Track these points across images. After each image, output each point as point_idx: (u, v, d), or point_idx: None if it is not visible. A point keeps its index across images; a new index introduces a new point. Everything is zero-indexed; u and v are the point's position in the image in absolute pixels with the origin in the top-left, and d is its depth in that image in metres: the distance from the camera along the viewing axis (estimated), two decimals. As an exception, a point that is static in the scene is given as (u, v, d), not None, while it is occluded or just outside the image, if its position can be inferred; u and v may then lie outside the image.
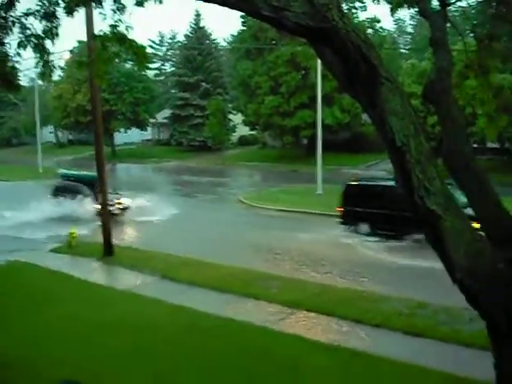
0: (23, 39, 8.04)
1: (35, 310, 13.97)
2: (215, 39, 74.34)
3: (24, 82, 63.01)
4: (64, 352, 11.26)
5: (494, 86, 7.99)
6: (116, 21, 7.76)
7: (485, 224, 5.48)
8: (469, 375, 9.71)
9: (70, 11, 7.58)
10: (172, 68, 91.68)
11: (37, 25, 8.01)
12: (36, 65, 8.36)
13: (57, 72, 57.15)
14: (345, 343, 11.68)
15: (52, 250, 21.32)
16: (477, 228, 5.23)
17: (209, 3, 5.30)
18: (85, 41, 20.37)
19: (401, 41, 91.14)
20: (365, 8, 49.98)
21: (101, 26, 7.77)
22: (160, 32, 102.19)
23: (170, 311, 13.78)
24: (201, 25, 67.33)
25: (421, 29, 74.51)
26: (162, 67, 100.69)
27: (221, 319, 13.03)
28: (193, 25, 67.42)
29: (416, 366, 10.34)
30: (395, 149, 4.92)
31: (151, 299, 14.83)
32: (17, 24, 8.05)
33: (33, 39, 8.05)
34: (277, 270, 17.63)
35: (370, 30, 48.96)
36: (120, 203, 27.38)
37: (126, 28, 7.75)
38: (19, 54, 8.44)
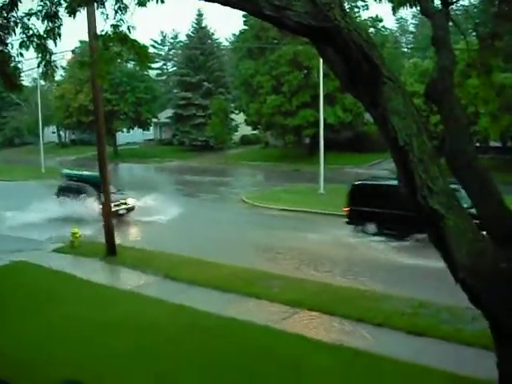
0: (25, 39, 8.02)
1: (38, 310, 14.01)
2: (217, 39, 74.49)
3: (26, 82, 63.52)
4: (66, 352, 11.29)
5: (497, 85, 7.98)
6: (118, 21, 7.75)
7: (487, 223, 5.47)
8: (471, 374, 9.71)
9: (72, 11, 7.56)
10: (174, 68, 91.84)
11: (39, 25, 8.00)
12: (38, 65, 8.35)
13: (59, 72, 56.90)
14: (347, 342, 11.69)
15: (55, 250, 21.35)
16: (479, 227, 5.22)
17: (211, 3, 5.30)
18: (87, 41, 20.39)
19: (403, 40, 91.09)
20: (367, 7, 50.13)
21: (103, 26, 7.72)
22: (162, 32, 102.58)
23: (172, 311, 13.79)
24: (203, 24, 67.28)
25: (423, 28, 74.43)
26: (164, 67, 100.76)
27: (222, 319, 13.04)
28: (195, 24, 67.41)
29: (418, 366, 10.34)
30: (398, 148, 4.91)
31: (153, 299, 14.85)
32: (19, 24, 8.04)
33: (35, 39, 8.04)
34: (279, 270, 17.63)
35: (372, 29, 48.98)
36: (126, 203, 27.43)
37: (128, 28, 7.74)
38: (21, 55, 8.40)
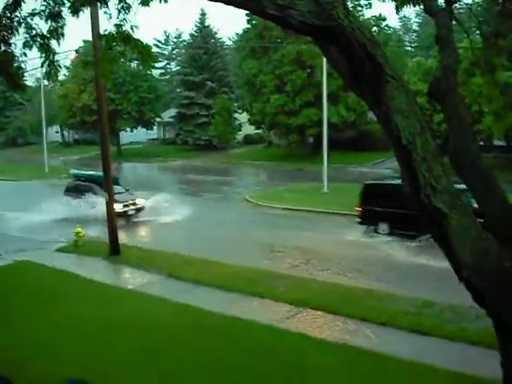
0: (29, 39, 8.04)
1: (41, 309, 14.03)
2: (220, 38, 74.58)
3: (30, 82, 63.53)
4: (70, 351, 11.31)
5: (501, 84, 7.96)
6: (121, 20, 7.74)
7: (491, 222, 5.45)
8: (475, 373, 9.70)
9: (76, 11, 7.57)
10: (177, 67, 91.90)
11: (42, 25, 8.01)
12: (42, 65, 8.35)
13: (62, 72, 57.28)
14: (351, 342, 11.69)
15: (58, 250, 21.38)
16: (483, 226, 5.21)
17: (214, 2, 5.29)
18: (90, 40, 20.40)
19: (406, 38, 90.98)
20: (370, 6, 50.09)
21: (106, 26, 7.73)
22: (165, 31, 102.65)
23: (176, 310, 13.80)
24: (206, 24, 67.31)
25: (426, 26, 74.40)
26: (168, 66, 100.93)
27: (226, 318, 13.04)
28: (198, 24, 67.42)
29: (422, 365, 10.33)
30: (401, 147, 4.90)
31: (157, 298, 14.86)
32: (22, 24, 8.05)
33: (38, 39, 8.05)
34: (282, 269, 17.63)
35: (376, 28, 48.88)
36: (135, 203, 27.43)
37: (131, 27, 7.73)
38: (25, 54, 8.43)
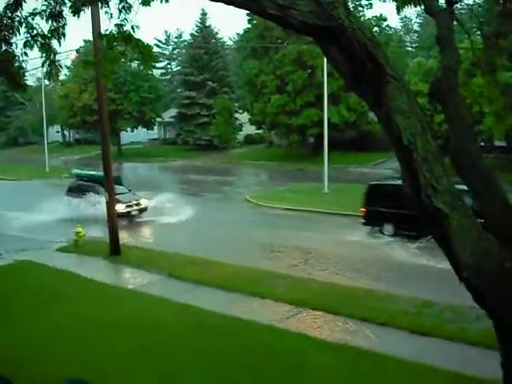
0: (29, 39, 8.03)
1: (42, 309, 14.04)
2: (221, 38, 74.45)
3: (30, 82, 63.49)
4: (71, 351, 11.31)
5: (501, 84, 7.95)
6: (122, 20, 7.73)
7: (492, 222, 5.45)
8: (475, 374, 9.69)
9: (77, 11, 7.56)
10: (178, 67, 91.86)
11: (43, 25, 8.01)
12: (42, 64, 8.36)
13: (63, 71, 57.34)
14: (351, 342, 11.69)
15: (59, 249, 21.38)
16: (483, 226, 5.21)
17: (215, 2, 5.29)
18: (91, 40, 20.42)
19: (407, 39, 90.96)
20: (370, 6, 49.87)
21: (107, 26, 7.73)
22: (166, 31, 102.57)
23: (177, 310, 13.80)
24: (207, 24, 67.25)
25: (427, 27, 74.34)
26: (168, 66, 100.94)
27: (227, 318, 13.05)
28: (199, 24, 67.39)
29: (422, 365, 10.32)
30: (402, 147, 4.90)
31: (158, 298, 14.87)
32: (23, 24, 8.05)
33: (39, 39, 8.04)
34: (283, 269, 17.62)
35: (376, 29, 48.85)
36: (138, 204, 27.41)
37: (132, 27, 7.72)
38: (26, 54, 8.42)
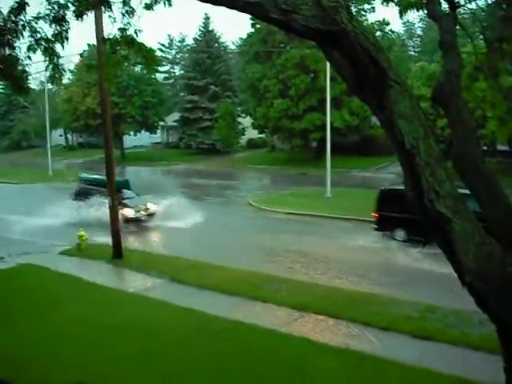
0: (33, 43, 8.08)
1: (44, 313, 14.05)
2: (224, 42, 74.54)
3: (34, 85, 63.60)
4: (72, 354, 11.31)
5: (504, 88, 7.96)
6: (125, 24, 7.76)
7: (494, 227, 5.44)
8: (478, 378, 9.68)
9: (80, 15, 7.59)
10: (181, 71, 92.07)
11: (47, 28, 8.05)
12: (46, 68, 8.39)
13: (66, 75, 57.29)
14: (353, 346, 11.66)
15: (61, 253, 21.41)
16: (486, 230, 5.20)
17: (218, 6, 5.30)
18: (94, 44, 20.47)
19: (410, 43, 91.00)
20: (373, 10, 49.92)
21: (110, 30, 7.75)
22: (169, 35, 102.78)
23: (179, 314, 13.80)
24: (210, 28, 67.46)
25: (430, 31, 74.39)
26: (171, 70, 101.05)
27: (229, 322, 13.03)
28: (202, 28, 67.56)
29: (425, 370, 10.31)
30: (404, 152, 4.90)
31: (160, 302, 14.86)
32: (27, 28, 8.09)
33: (43, 43, 8.08)
34: (285, 273, 17.62)
35: (379, 33, 48.89)
36: (146, 209, 27.35)
37: (135, 31, 7.74)
38: (29, 58, 8.48)
